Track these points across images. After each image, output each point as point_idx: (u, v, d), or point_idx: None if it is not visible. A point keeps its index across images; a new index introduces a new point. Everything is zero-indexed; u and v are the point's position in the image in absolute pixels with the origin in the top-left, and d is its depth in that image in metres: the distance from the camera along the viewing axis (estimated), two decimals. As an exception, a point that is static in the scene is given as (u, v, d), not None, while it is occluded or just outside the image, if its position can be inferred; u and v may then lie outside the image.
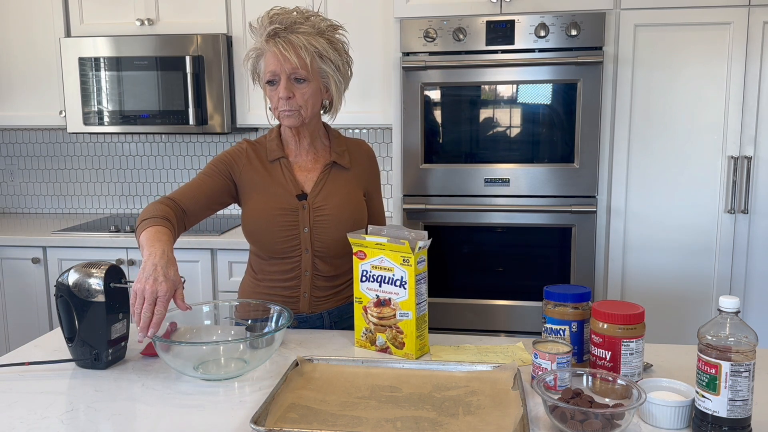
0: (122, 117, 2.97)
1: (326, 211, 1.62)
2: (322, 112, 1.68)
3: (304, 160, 1.67)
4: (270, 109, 1.63)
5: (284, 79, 1.53)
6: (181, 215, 1.57)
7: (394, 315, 1.41)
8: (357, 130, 3.23)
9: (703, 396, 1.05)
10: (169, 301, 1.30)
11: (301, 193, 1.63)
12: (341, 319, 1.70)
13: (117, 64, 2.94)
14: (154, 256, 1.33)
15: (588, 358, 1.33)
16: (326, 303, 1.67)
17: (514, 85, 2.50)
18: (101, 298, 1.34)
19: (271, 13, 1.53)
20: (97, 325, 1.35)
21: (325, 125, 1.73)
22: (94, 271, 1.36)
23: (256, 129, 3.27)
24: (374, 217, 1.75)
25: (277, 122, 1.66)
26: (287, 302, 1.66)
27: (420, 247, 1.38)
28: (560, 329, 1.33)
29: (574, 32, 2.41)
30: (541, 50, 2.47)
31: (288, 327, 1.66)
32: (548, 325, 1.35)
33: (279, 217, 1.60)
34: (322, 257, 1.64)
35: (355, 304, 1.48)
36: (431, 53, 2.54)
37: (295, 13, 1.54)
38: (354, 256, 1.46)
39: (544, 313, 1.36)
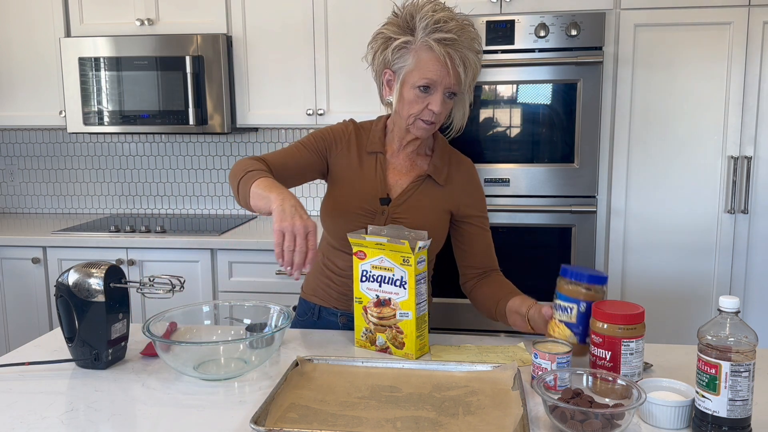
0: (122, 117, 2.97)
1: (403, 220, 1.56)
2: None
3: (401, 163, 1.60)
4: (388, 103, 1.54)
5: (441, 91, 1.44)
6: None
7: (394, 315, 1.41)
8: (357, 130, 3.23)
9: (703, 396, 1.05)
10: (317, 237, 1.28)
11: (385, 197, 1.57)
12: None
13: (117, 64, 2.94)
14: (289, 198, 1.29)
15: (590, 341, 1.33)
16: None
17: (514, 85, 2.50)
18: (101, 298, 1.34)
19: (440, 13, 1.42)
20: (97, 325, 1.35)
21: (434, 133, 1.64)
22: (94, 271, 1.36)
23: (256, 129, 3.27)
24: (477, 252, 1.65)
25: (382, 113, 1.59)
26: (343, 298, 1.62)
27: (420, 247, 1.38)
28: (569, 307, 1.31)
29: (574, 32, 2.41)
30: (541, 50, 2.47)
31: (337, 322, 1.64)
32: (558, 301, 1.33)
33: (357, 215, 1.56)
34: None
35: (355, 305, 1.48)
36: (431, 53, 2.53)
37: (463, 21, 1.43)
38: (354, 256, 1.46)
39: (557, 289, 1.34)
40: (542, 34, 2.44)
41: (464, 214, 1.64)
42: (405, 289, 1.39)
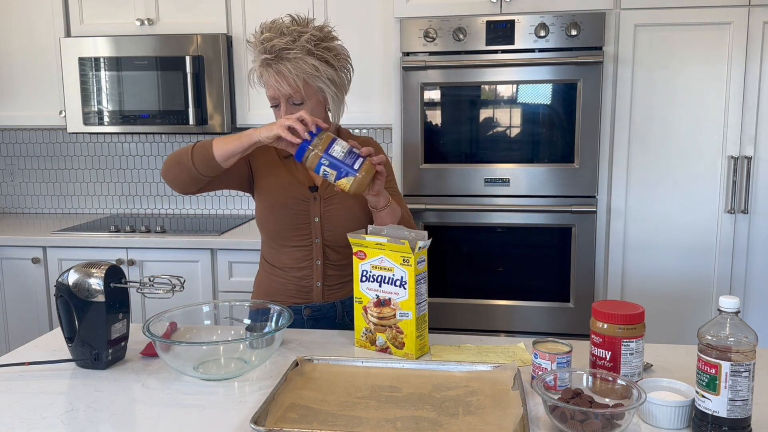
0: (122, 117, 2.97)
1: (336, 202, 1.67)
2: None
3: None
4: None
5: (284, 104, 1.58)
6: None
7: (394, 315, 1.42)
8: (357, 130, 3.23)
9: (703, 396, 1.05)
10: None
11: (312, 185, 1.68)
12: (353, 308, 1.71)
13: (117, 64, 2.94)
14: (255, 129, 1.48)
15: (355, 170, 1.43)
16: (338, 292, 1.72)
17: (514, 85, 2.50)
18: (101, 298, 1.34)
19: (262, 36, 1.54)
20: (97, 325, 1.35)
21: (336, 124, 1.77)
22: (94, 271, 1.36)
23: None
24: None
25: None
26: (301, 291, 1.70)
27: (420, 247, 1.38)
28: (324, 172, 1.44)
29: (574, 32, 2.41)
30: (541, 50, 2.47)
31: (302, 316, 1.68)
32: (322, 177, 1.48)
33: (292, 205, 1.66)
34: (332, 246, 1.69)
35: (355, 304, 1.48)
36: (431, 53, 2.54)
37: (285, 36, 1.52)
38: (354, 256, 1.46)
39: (313, 171, 1.47)
40: (542, 34, 2.44)
41: None
42: (405, 289, 1.39)
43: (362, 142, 1.75)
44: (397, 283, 1.40)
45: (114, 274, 1.38)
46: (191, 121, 2.90)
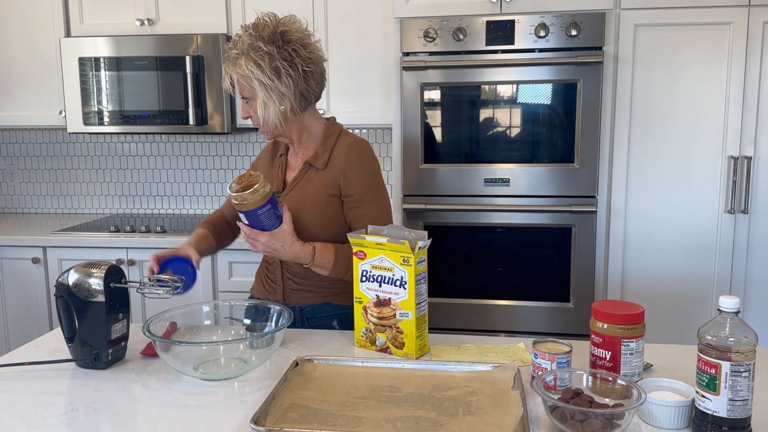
0: (122, 117, 2.97)
1: (288, 208, 1.61)
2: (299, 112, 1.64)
3: (297, 160, 1.74)
4: None
5: (241, 101, 1.65)
6: (222, 220, 1.87)
7: (394, 315, 1.42)
8: (357, 130, 3.23)
9: (703, 396, 1.05)
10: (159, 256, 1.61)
11: (281, 190, 1.72)
12: (314, 316, 1.71)
13: (117, 64, 2.94)
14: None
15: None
16: (297, 297, 1.70)
17: (514, 85, 2.50)
18: (101, 298, 1.34)
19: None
20: (97, 325, 1.35)
21: (331, 124, 1.71)
22: (94, 271, 1.36)
23: (256, 129, 3.27)
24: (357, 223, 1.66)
25: None
26: (270, 289, 1.75)
27: (420, 247, 1.38)
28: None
29: (574, 32, 2.41)
30: (541, 50, 2.47)
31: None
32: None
33: None
34: None
35: (355, 304, 1.48)
36: (431, 53, 2.54)
37: (248, 31, 1.57)
38: (354, 256, 1.46)
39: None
40: (542, 34, 2.44)
41: (343, 193, 1.67)
42: (405, 289, 1.39)
43: (343, 144, 1.66)
44: (397, 283, 1.40)
45: (114, 274, 1.38)
46: (191, 121, 2.90)
